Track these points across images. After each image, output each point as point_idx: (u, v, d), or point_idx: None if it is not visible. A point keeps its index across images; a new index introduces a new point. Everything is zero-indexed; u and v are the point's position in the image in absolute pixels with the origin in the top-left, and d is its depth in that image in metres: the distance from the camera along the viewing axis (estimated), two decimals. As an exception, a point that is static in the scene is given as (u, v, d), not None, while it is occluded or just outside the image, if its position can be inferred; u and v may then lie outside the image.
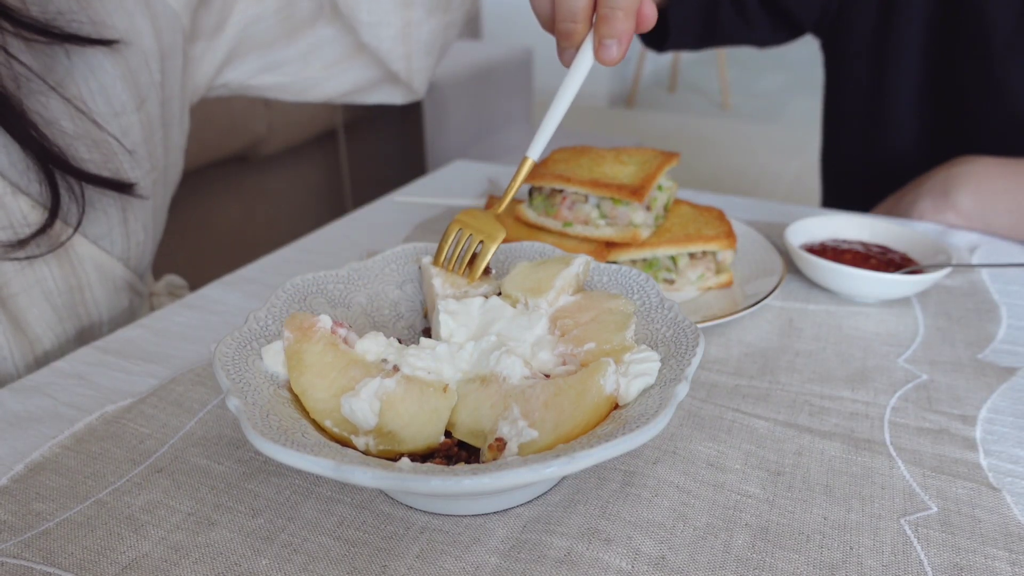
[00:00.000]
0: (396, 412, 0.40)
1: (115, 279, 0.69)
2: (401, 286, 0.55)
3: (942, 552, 0.41)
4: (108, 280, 0.69)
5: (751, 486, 0.45)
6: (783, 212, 0.88)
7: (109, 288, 0.69)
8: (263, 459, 0.47)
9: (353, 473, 0.34)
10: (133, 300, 0.74)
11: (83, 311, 0.67)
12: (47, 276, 0.63)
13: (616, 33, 0.51)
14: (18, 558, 0.40)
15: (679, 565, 0.40)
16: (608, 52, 0.51)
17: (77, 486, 0.45)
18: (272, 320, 0.47)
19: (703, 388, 0.55)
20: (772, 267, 0.69)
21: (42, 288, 0.63)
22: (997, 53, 0.90)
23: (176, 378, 0.55)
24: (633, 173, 0.70)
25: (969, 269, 0.73)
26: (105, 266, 0.68)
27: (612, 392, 0.41)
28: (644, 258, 0.69)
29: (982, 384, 0.55)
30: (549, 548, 0.40)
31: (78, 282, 0.66)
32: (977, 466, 0.47)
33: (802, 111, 4.44)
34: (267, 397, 0.40)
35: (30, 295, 0.62)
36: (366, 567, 0.39)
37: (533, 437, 0.38)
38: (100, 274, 0.67)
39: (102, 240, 0.67)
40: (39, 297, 0.63)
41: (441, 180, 1.01)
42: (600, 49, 0.52)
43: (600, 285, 0.52)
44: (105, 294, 0.69)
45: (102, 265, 0.67)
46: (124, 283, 0.71)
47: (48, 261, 0.63)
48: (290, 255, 0.78)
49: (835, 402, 0.53)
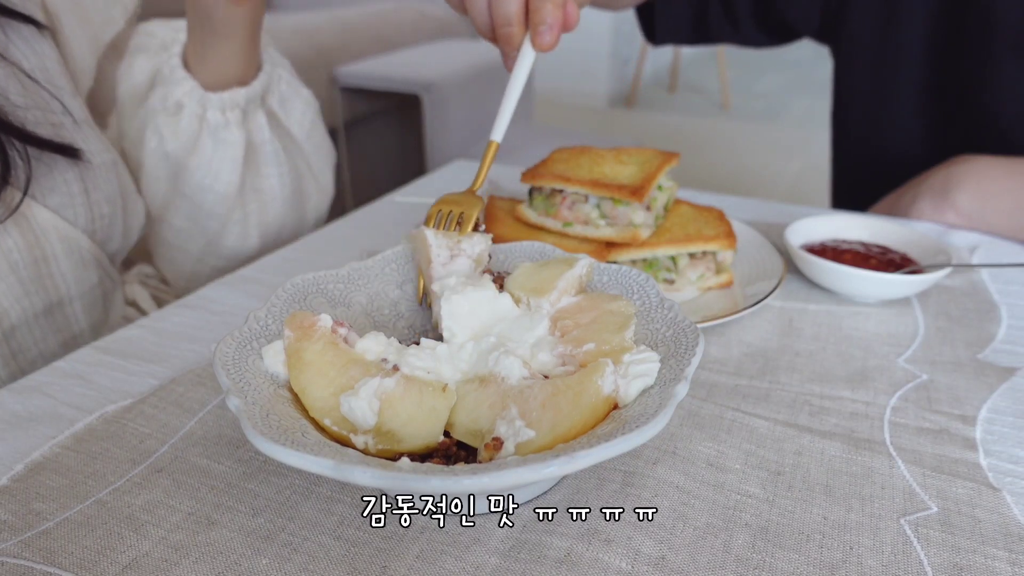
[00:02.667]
0: (395, 411, 0.40)
1: (81, 251, 0.70)
2: (401, 286, 0.55)
3: (942, 552, 0.41)
4: (74, 252, 0.69)
5: (751, 486, 0.45)
6: (783, 212, 0.88)
7: (76, 261, 0.70)
8: (263, 459, 0.47)
9: (353, 473, 0.34)
10: (103, 279, 0.74)
11: (50, 284, 0.68)
12: (11, 247, 0.64)
13: (548, 20, 0.56)
14: (18, 558, 0.40)
15: (679, 565, 0.40)
16: (542, 38, 0.57)
17: (77, 486, 0.45)
18: (272, 320, 0.47)
19: (703, 388, 0.55)
20: (772, 267, 0.69)
21: (7, 260, 0.63)
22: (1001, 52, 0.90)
23: (176, 378, 0.55)
24: (633, 173, 0.70)
25: (969, 269, 0.73)
26: (70, 237, 0.68)
27: (610, 392, 0.41)
28: (644, 258, 0.69)
29: (982, 384, 0.55)
30: (549, 548, 0.40)
31: (43, 253, 0.66)
32: (977, 466, 0.47)
33: (802, 111, 4.44)
34: (267, 397, 0.41)
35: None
36: (366, 567, 0.39)
37: (530, 437, 0.39)
38: (65, 245, 0.68)
39: (64, 210, 0.68)
40: (5, 269, 0.63)
41: (441, 180, 1.01)
42: (535, 37, 0.57)
43: (600, 285, 0.52)
44: (72, 267, 0.69)
45: (66, 236, 0.68)
46: (91, 257, 0.71)
47: (10, 231, 0.63)
48: (290, 255, 0.78)
49: (835, 402, 0.53)
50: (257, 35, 0.79)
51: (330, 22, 2.20)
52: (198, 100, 0.78)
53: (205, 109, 0.78)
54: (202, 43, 0.76)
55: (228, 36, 0.75)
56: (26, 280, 0.65)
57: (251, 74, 0.81)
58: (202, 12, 0.73)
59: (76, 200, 0.68)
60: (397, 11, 2.48)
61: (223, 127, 0.79)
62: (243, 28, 0.75)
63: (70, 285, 0.70)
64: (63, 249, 0.68)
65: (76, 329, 0.73)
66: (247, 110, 0.81)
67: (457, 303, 0.47)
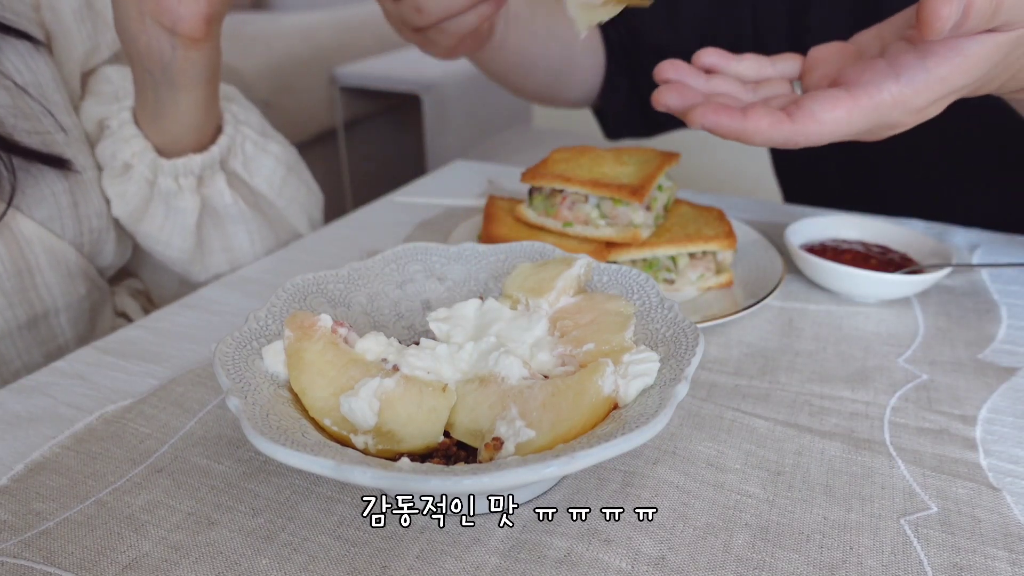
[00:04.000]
0: (395, 411, 0.40)
1: (68, 264, 0.69)
2: (401, 286, 0.55)
3: (942, 552, 0.41)
4: (60, 264, 0.68)
5: (751, 486, 0.45)
6: (783, 212, 0.88)
7: (62, 273, 0.68)
8: (263, 459, 0.47)
9: (353, 473, 0.34)
10: (92, 291, 0.73)
11: (34, 296, 0.67)
12: None
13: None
14: (18, 558, 0.40)
15: (679, 565, 0.40)
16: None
17: (77, 486, 0.45)
18: (272, 320, 0.47)
19: (703, 388, 0.55)
20: (772, 267, 0.69)
21: None
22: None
23: (176, 378, 0.55)
24: (633, 173, 0.70)
25: (969, 269, 0.73)
26: (56, 249, 0.67)
27: (610, 393, 0.41)
28: (644, 258, 0.69)
29: (982, 384, 0.55)
30: (549, 548, 0.40)
31: (27, 265, 0.65)
32: (977, 466, 0.47)
33: (802, 111, 4.43)
34: (267, 397, 0.41)
35: None
36: (366, 567, 0.39)
37: (530, 437, 0.39)
38: (51, 257, 0.67)
39: (51, 223, 0.67)
40: None
41: (441, 180, 1.01)
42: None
43: (600, 285, 0.52)
44: (57, 279, 0.68)
45: (52, 248, 0.67)
46: (79, 269, 0.70)
47: None
48: (290, 255, 0.78)
49: (835, 402, 0.53)
50: (216, 84, 0.72)
51: (330, 22, 2.20)
52: (148, 164, 0.71)
53: (156, 175, 0.72)
54: (155, 99, 0.69)
55: (185, 87, 0.68)
56: (9, 291, 0.64)
57: (210, 132, 0.74)
58: (154, 62, 0.66)
59: (64, 213, 0.67)
60: (397, 11, 2.48)
61: (175, 194, 0.72)
62: (202, 75, 0.69)
63: (56, 297, 0.69)
64: (48, 261, 0.67)
65: (61, 341, 0.72)
66: (203, 176, 0.74)
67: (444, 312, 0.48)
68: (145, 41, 0.65)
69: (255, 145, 0.79)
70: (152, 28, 0.64)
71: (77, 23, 0.75)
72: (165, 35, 0.64)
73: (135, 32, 0.65)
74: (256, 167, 0.79)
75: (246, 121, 0.80)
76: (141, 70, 0.68)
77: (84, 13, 0.76)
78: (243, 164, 0.78)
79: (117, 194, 0.72)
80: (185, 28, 0.64)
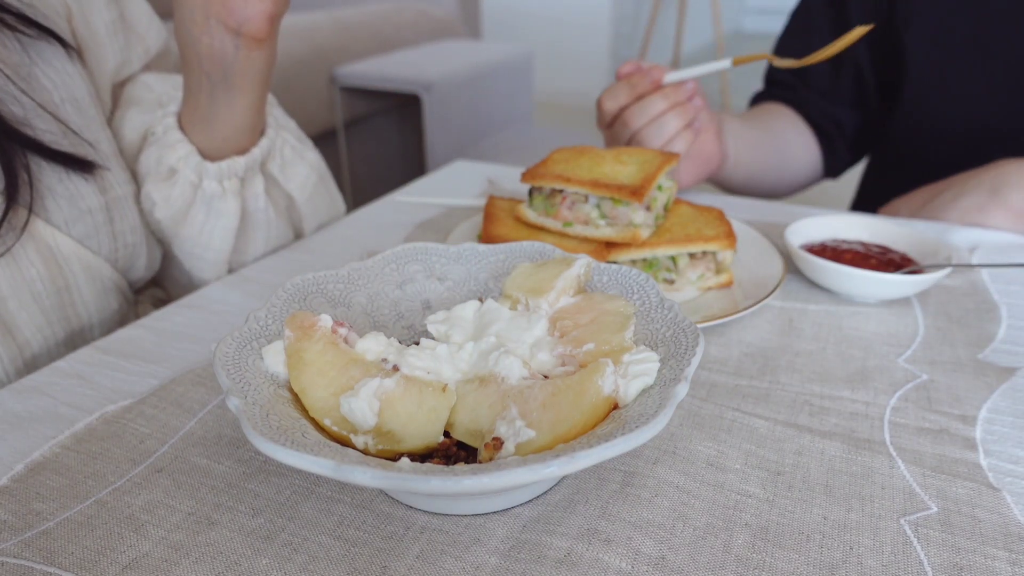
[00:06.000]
0: (395, 412, 0.40)
1: (103, 280, 0.69)
2: (401, 286, 0.55)
3: (942, 552, 0.41)
4: (96, 281, 0.68)
5: (751, 486, 0.45)
6: (783, 212, 0.88)
7: (98, 289, 0.69)
8: (263, 459, 0.47)
9: (353, 473, 0.34)
10: (122, 304, 0.73)
11: (72, 312, 0.67)
12: (35, 278, 0.63)
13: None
14: (18, 558, 0.40)
15: (679, 565, 0.40)
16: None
17: (77, 486, 0.45)
18: (272, 320, 0.47)
19: (703, 388, 0.55)
20: (772, 267, 0.69)
21: (30, 290, 0.63)
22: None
23: (176, 378, 0.55)
24: (633, 173, 0.70)
25: (969, 269, 0.73)
26: (93, 267, 0.68)
27: (610, 393, 0.41)
28: (644, 258, 0.69)
29: (982, 384, 0.55)
30: (549, 548, 0.40)
31: (65, 283, 0.66)
32: (977, 466, 0.47)
33: (802, 111, 4.43)
34: (267, 397, 0.41)
35: (19, 298, 0.62)
36: (366, 567, 0.39)
37: (530, 437, 0.39)
38: (88, 275, 0.67)
39: (88, 240, 0.67)
40: (28, 300, 0.63)
41: (441, 180, 1.01)
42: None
43: (600, 285, 0.52)
44: (94, 295, 0.69)
45: (90, 266, 0.67)
46: (113, 285, 0.70)
47: (33, 261, 0.63)
48: (290, 255, 0.78)
49: (835, 402, 0.53)
50: (269, 86, 0.72)
51: (329, 22, 2.20)
52: (194, 168, 0.72)
53: (201, 178, 0.72)
54: (210, 102, 0.69)
55: (242, 88, 0.68)
56: (48, 309, 0.65)
57: (256, 135, 0.74)
58: (215, 64, 0.66)
59: (100, 230, 0.67)
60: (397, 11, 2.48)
61: (219, 197, 0.73)
62: (260, 76, 0.69)
63: (91, 313, 0.69)
64: (86, 278, 0.67)
65: None
66: (245, 177, 0.75)
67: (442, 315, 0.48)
68: (208, 43, 0.65)
69: (293, 150, 0.80)
70: (216, 29, 0.64)
71: (110, 36, 0.75)
72: (229, 36, 0.64)
73: (197, 34, 0.65)
74: (292, 172, 0.80)
75: (286, 126, 0.81)
76: (199, 74, 0.68)
77: (118, 25, 0.75)
78: (280, 168, 0.78)
79: (162, 198, 0.73)
80: (251, 28, 0.64)
